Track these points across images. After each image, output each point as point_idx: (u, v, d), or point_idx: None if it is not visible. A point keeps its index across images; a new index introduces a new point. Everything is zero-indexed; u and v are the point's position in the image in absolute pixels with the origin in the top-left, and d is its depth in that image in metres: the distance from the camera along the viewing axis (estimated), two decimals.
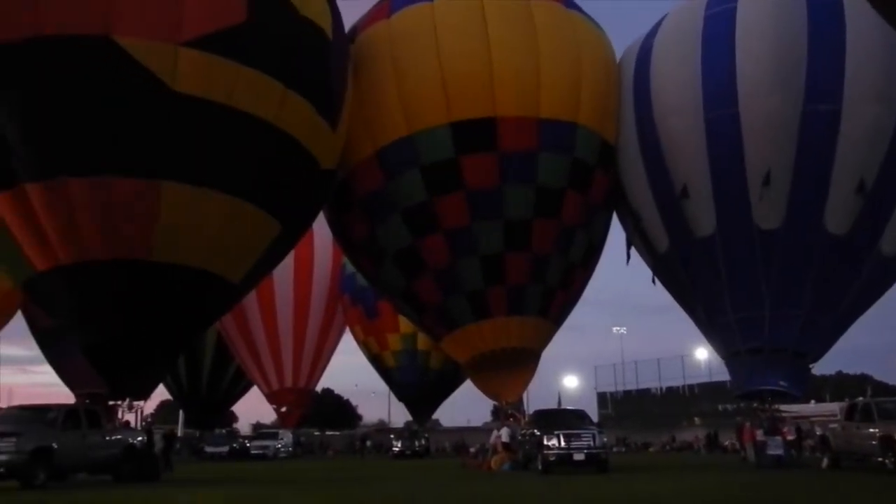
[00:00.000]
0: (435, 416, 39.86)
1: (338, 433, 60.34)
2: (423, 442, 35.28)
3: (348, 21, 19.08)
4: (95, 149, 13.78)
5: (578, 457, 16.17)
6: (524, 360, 21.63)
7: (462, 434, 51.96)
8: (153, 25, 13.64)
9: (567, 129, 19.40)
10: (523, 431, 20.15)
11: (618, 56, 21.41)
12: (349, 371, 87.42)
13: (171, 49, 13.68)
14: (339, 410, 72.04)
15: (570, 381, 58.28)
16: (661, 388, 55.28)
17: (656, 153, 19.16)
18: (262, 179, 15.60)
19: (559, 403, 39.58)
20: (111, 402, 17.69)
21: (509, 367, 21.13)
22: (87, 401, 23.04)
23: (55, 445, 13.12)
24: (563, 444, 16.18)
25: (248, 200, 15.49)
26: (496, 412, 35.09)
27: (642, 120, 19.56)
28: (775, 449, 18.36)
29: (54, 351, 33.69)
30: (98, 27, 13.26)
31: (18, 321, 31.18)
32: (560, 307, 21.63)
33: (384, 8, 20.31)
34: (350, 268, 31.57)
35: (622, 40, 22.12)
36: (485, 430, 48.37)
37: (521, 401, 25.30)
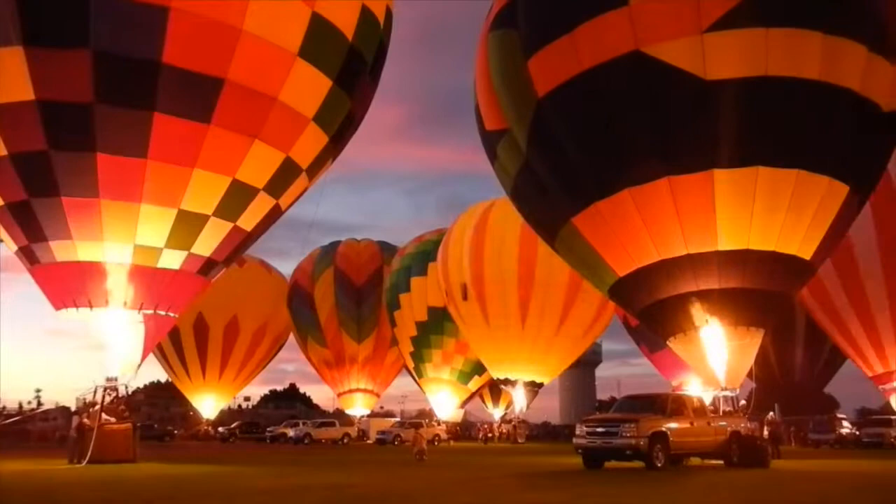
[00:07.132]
0: None
1: None
2: None
3: None
4: (649, 157, 14.84)
5: None
6: None
7: None
8: (673, 24, 14.04)
9: None
10: None
11: None
12: None
13: (697, 40, 13.86)
14: None
15: None
16: None
17: None
18: (817, 142, 14.43)
19: None
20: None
21: None
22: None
23: (667, 430, 14.23)
24: None
25: (805, 169, 14.53)
26: None
27: None
28: None
29: (646, 345, 37.44)
30: (628, 45, 14.32)
31: (614, 324, 35.91)
32: None
33: None
34: None
35: None
36: None
37: None
